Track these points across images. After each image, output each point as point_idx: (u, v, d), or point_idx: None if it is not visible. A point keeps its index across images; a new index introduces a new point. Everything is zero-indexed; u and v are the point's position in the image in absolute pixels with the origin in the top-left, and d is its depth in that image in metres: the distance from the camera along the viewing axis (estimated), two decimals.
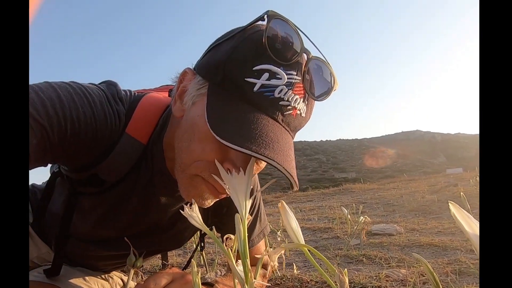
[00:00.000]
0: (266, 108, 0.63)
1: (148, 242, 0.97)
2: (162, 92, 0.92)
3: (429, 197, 4.84)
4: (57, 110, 0.65)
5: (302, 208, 5.10)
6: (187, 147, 0.69)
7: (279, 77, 0.62)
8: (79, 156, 0.74)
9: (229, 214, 1.00)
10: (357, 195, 6.78)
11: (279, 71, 0.62)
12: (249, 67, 0.62)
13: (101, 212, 0.87)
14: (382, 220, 3.41)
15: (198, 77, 0.70)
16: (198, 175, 0.69)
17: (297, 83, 0.64)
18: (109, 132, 0.74)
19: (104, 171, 0.79)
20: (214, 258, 2.09)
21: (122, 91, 0.81)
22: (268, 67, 0.62)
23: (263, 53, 0.62)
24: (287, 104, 0.63)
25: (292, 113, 0.65)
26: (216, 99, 0.65)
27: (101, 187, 0.82)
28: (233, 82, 0.63)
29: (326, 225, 3.30)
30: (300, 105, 0.65)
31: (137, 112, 0.79)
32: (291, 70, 0.63)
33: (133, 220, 0.90)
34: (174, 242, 1.07)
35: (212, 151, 0.66)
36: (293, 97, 0.63)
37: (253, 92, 0.62)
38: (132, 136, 0.78)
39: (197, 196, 0.72)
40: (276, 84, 0.62)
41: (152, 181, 0.84)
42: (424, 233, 2.63)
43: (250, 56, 0.63)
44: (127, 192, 0.84)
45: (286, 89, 0.62)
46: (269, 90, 0.62)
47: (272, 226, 3.17)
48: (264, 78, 0.61)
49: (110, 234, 0.93)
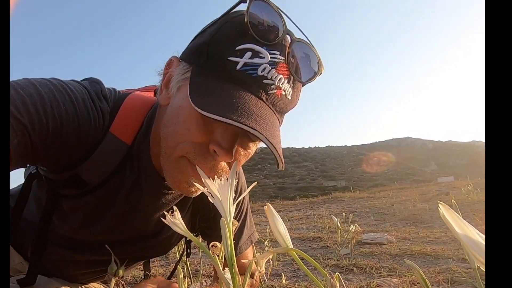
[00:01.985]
0: (249, 85, 0.64)
1: (132, 249, 0.96)
2: (147, 92, 0.92)
3: (420, 206, 4.92)
4: (38, 108, 0.65)
5: (290, 217, 5.11)
6: (173, 131, 0.70)
7: (262, 56, 0.64)
8: (61, 155, 0.73)
9: (217, 219, 1.00)
10: (347, 203, 6.82)
11: (262, 50, 0.64)
12: (232, 46, 0.64)
13: (83, 216, 0.86)
14: (373, 229, 3.45)
15: (183, 63, 0.72)
16: (184, 156, 0.70)
17: (280, 63, 0.65)
18: (92, 130, 0.74)
19: (86, 171, 0.78)
20: (198, 269, 2.08)
21: (106, 89, 0.80)
22: (251, 46, 0.64)
23: (245, 33, 0.64)
24: (270, 83, 0.65)
25: (277, 93, 0.66)
26: (199, 78, 0.66)
27: (83, 189, 0.81)
28: (216, 61, 0.65)
29: (315, 234, 3.32)
30: (284, 85, 0.67)
31: (121, 111, 0.79)
32: (274, 50, 0.65)
33: (116, 224, 0.89)
34: (160, 249, 1.06)
35: (197, 131, 0.67)
36: (276, 76, 0.65)
37: (236, 70, 0.63)
38: (117, 136, 0.78)
39: (183, 182, 0.73)
40: (259, 62, 0.63)
41: (138, 183, 0.83)
42: (415, 242, 2.66)
43: (232, 36, 0.65)
44: (111, 194, 0.83)
45: (270, 68, 0.64)
46: (252, 68, 0.63)
47: (259, 235, 3.16)
48: (247, 57, 0.63)
49: (91, 239, 0.91)
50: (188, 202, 0.97)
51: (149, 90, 0.94)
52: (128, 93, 0.84)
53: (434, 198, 5.84)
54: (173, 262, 2.45)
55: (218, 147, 0.66)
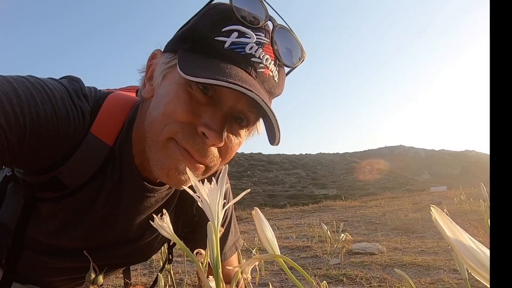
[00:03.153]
0: (239, 62, 0.66)
1: (113, 254, 0.95)
2: (129, 92, 0.91)
3: (412, 216, 4.96)
4: (14, 107, 0.63)
5: (279, 226, 5.10)
6: (158, 114, 0.70)
7: (248, 36, 0.67)
8: (39, 157, 0.72)
9: (201, 223, 1.00)
10: (338, 212, 6.85)
11: (248, 31, 0.67)
12: (218, 28, 0.67)
13: (62, 220, 0.84)
14: (364, 239, 3.46)
15: (167, 53, 0.73)
16: (171, 137, 0.70)
17: (266, 44, 0.69)
18: (72, 130, 0.73)
19: (66, 174, 0.77)
20: (183, 278, 2.06)
21: (87, 88, 0.79)
22: (237, 27, 0.66)
23: (230, 17, 0.67)
24: (259, 61, 0.67)
25: (265, 72, 0.69)
26: (187, 57, 0.67)
27: (63, 191, 0.79)
28: (203, 43, 0.67)
29: (305, 243, 3.32)
30: (271, 66, 0.70)
31: (102, 110, 0.78)
32: (259, 32, 0.68)
33: (97, 228, 0.87)
34: (141, 254, 1.04)
35: (184, 111, 0.68)
36: (264, 55, 0.68)
37: (224, 48, 0.66)
38: (97, 137, 0.77)
39: (172, 168, 0.72)
40: (246, 41, 0.66)
41: (120, 185, 0.82)
42: (407, 252, 2.68)
43: (217, 20, 0.68)
44: (92, 197, 0.82)
45: (257, 47, 0.67)
46: (239, 47, 0.66)
47: (247, 244, 3.15)
48: (234, 37, 0.66)
49: (70, 245, 0.90)
50: (170, 205, 0.96)
51: (130, 90, 0.94)
52: (109, 93, 0.83)
53: (427, 207, 5.88)
54: (157, 270, 2.43)
55: (208, 129, 0.67)
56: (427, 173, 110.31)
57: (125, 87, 0.99)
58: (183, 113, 0.68)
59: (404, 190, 40.41)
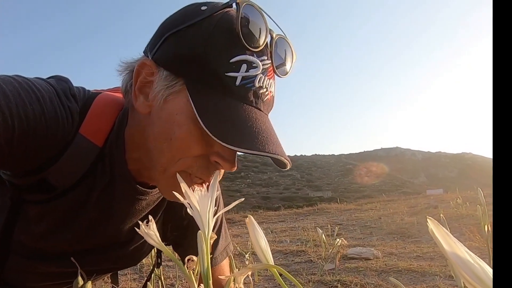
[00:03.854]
0: (250, 99, 0.69)
1: (102, 258, 0.94)
2: (117, 93, 0.91)
3: (408, 219, 4.98)
4: (2, 107, 0.63)
5: (273, 229, 5.11)
6: (168, 147, 0.70)
7: (255, 66, 0.68)
8: (28, 158, 0.71)
9: (191, 228, 0.99)
10: (333, 215, 6.87)
11: (255, 60, 0.68)
12: (226, 60, 0.66)
13: (50, 223, 0.83)
14: (359, 243, 3.47)
15: (164, 72, 0.70)
16: (184, 171, 0.71)
17: (269, 67, 0.71)
18: (61, 131, 0.72)
19: (55, 175, 0.76)
20: (174, 283, 2.05)
21: (75, 88, 0.79)
22: (244, 57, 0.67)
23: (237, 42, 0.66)
24: (265, 91, 0.70)
25: (269, 97, 0.72)
26: (200, 97, 0.67)
27: (51, 193, 0.78)
28: (213, 77, 0.67)
29: (299, 247, 3.32)
30: (273, 87, 0.73)
31: (92, 111, 0.78)
32: (263, 56, 0.69)
33: (86, 231, 0.86)
34: (131, 259, 1.03)
35: (198, 147, 0.69)
36: (269, 83, 0.71)
37: (236, 86, 0.67)
38: (87, 137, 0.77)
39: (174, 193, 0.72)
40: (254, 74, 0.68)
41: (111, 187, 0.82)
42: (402, 257, 2.69)
43: (225, 48, 0.67)
44: (81, 199, 0.81)
45: (263, 77, 0.69)
46: (249, 82, 0.68)
47: (240, 248, 3.15)
48: (243, 70, 0.67)
49: (59, 248, 0.88)
50: (160, 209, 0.96)
51: (117, 90, 0.93)
52: (97, 93, 0.83)
53: (423, 211, 5.93)
54: (147, 274, 2.41)
55: (222, 160, 0.70)
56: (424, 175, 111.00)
57: (112, 88, 0.99)
58: (197, 149, 0.70)
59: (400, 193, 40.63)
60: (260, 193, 60.09)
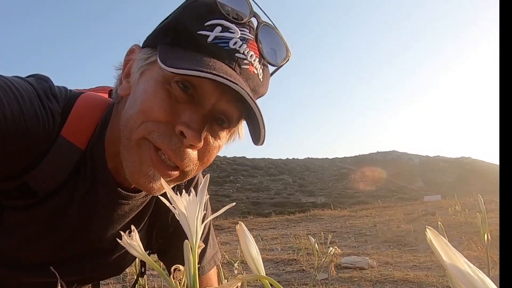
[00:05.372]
0: (222, 57, 0.66)
1: (84, 267, 0.93)
2: (101, 93, 0.90)
3: (404, 227, 5.02)
4: None
5: (264, 236, 5.11)
6: (134, 112, 0.70)
7: (232, 31, 0.67)
8: (6, 162, 0.70)
9: (177, 235, 0.99)
10: (326, 222, 6.90)
11: (232, 26, 0.68)
12: (201, 22, 0.67)
13: (31, 230, 0.82)
14: (353, 252, 3.49)
15: (145, 49, 0.73)
16: (145, 138, 0.69)
17: (251, 40, 0.69)
18: (42, 133, 0.72)
19: (36, 180, 0.75)
20: None
21: (56, 87, 0.78)
22: (221, 21, 0.67)
23: (214, 11, 0.68)
24: (243, 57, 0.68)
25: (249, 69, 0.70)
26: (167, 51, 0.67)
27: (32, 199, 0.78)
28: (185, 37, 0.68)
29: (291, 256, 3.32)
30: (256, 63, 0.70)
31: (74, 112, 0.77)
32: (243, 28, 0.69)
33: (69, 239, 0.86)
34: (114, 268, 1.02)
35: (162, 110, 0.68)
36: (248, 52, 0.69)
37: (207, 42, 0.66)
38: (69, 140, 0.76)
39: (142, 174, 0.71)
40: (230, 36, 0.67)
41: (93, 192, 0.81)
42: (398, 267, 2.71)
43: (200, 13, 0.68)
44: (63, 205, 0.80)
45: (241, 42, 0.68)
46: (223, 42, 0.67)
47: (228, 256, 3.14)
48: (218, 31, 0.67)
49: (40, 257, 0.88)
50: (145, 215, 0.95)
51: (101, 90, 0.93)
52: (80, 93, 0.82)
53: (420, 218, 5.98)
54: (130, 284, 2.40)
55: (186, 127, 0.66)
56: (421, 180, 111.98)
57: (95, 88, 0.98)
58: (161, 112, 0.68)
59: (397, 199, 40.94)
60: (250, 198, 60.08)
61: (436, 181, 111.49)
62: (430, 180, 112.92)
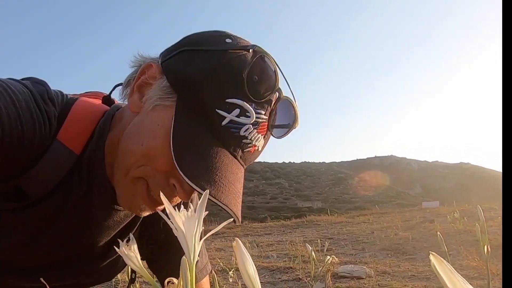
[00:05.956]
0: (229, 144, 0.72)
1: (75, 273, 0.93)
2: (96, 99, 0.91)
3: (402, 234, 5.02)
4: None
5: (259, 243, 5.10)
6: (138, 150, 0.73)
7: (248, 115, 0.70)
8: (2, 165, 0.70)
9: (168, 241, 1.00)
10: (323, 228, 6.90)
11: (250, 109, 0.70)
12: (222, 97, 0.70)
13: (23, 233, 0.82)
14: (350, 260, 3.49)
15: (165, 81, 0.75)
16: (143, 178, 0.75)
17: (263, 122, 0.73)
18: (37, 137, 0.72)
19: (29, 183, 0.75)
20: None
21: (53, 91, 0.79)
22: (241, 103, 0.70)
23: (239, 86, 0.70)
24: (248, 142, 0.73)
25: (251, 150, 0.75)
26: (182, 121, 0.71)
27: (24, 202, 0.78)
28: (203, 107, 0.71)
29: (287, 264, 3.32)
30: (260, 142, 0.75)
31: (70, 117, 0.78)
32: (260, 109, 0.72)
33: (61, 243, 0.86)
34: (105, 273, 1.02)
35: (163, 163, 0.72)
36: (255, 136, 0.73)
37: (221, 125, 0.70)
38: (64, 144, 0.77)
39: (135, 205, 0.79)
40: (244, 122, 0.70)
41: (88, 197, 0.82)
42: (396, 276, 2.71)
43: (225, 85, 0.70)
44: (56, 209, 0.81)
45: (252, 128, 0.72)
46: (236, 127, 0.70)
47: (223, 263, 3.14)
48: (234, 114, 0.70)
49: (30, 261, 0.88)
50: (137, 221, 0.97)
51: (93, 96, 0.93)
52: (76, 98, 0.83)
53: (418, 225, 5.99)
54: None
55: (180, 186, 0.73)
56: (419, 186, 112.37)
57: (89, 92, 0.99)
58: (161, 165, 0.73)
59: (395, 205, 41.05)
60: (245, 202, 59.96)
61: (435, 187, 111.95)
62: (428, 185, 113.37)
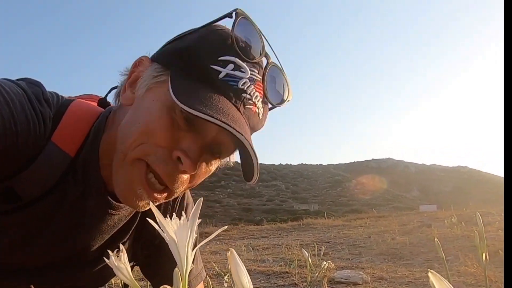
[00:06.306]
0: (230, 96, 0.71)
1: (68, 277, 0.93)
2: (91, 101, 0.91)
3: (400, 239, 5.03)
4: None
5: (255, 246, 5.10)
6: (135, 130, 0.72)
7: (243, 71, 0.72)
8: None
9: (162, 248, 0.99)
10: (319, 232, 6.91)
11: (244, 65, 0.72)
12: (215, 55, 0.71)
13: (14, 235, 0.82)
14: (347, 265, 3.49)
15: (156, 65, 0.76)
16: (141, 159, 0.73)
17: (258, 81, 0.75)
18: (32, 138, 0.72)
19: (22, 184, 0.75)
20: None
21: (48, 93, 0.79)
22: (234, 59, 0.71)
23: (229, 46, 0.72)
24: (249, 98, 0.73)
25: (252, 109, 0.75)
26: (181, 80, 0.71)
27: (17, 203, 0.77)
28: (198, 68, 0.72)
29: (283, 268, 3.32)
30: (259, 103, 0.76)
31: (65, 118, 0.78)
32: (253, 68, 0.74)
33: (53, 247, 0.86)
34: (98, 278, 1.02)
35: (164, 135, 0.71)
36: (254, 93, 0.74)
37: (218, 79, 0.71)
38: (59, 146, 0.77)
39: (132, 192, 0.75)
40: (240, 76, 0.72)
41: (82, 200, 0.82)
42: (393, 282, 2.71)
43: (216, 46, 0.72)
44: (49, 212, 0.80)
45: (249, 83, 0.73)
46: (233, 80, 0.71)
47: (218, 267, 3.13)
48: (229, 68, 0.71)
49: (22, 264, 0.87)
50: (132, 225, 0.96)
51: (88, 99, 0.94)
52: (71, 100, 0.83)
53: (415, 230, 6.01)
54: None
55: (184, 156, 0.70)
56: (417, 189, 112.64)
57: (84, 95, 0.99)
58: (162, 138, 0.71)
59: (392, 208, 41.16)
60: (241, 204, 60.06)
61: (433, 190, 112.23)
62: (426, 189, 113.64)
